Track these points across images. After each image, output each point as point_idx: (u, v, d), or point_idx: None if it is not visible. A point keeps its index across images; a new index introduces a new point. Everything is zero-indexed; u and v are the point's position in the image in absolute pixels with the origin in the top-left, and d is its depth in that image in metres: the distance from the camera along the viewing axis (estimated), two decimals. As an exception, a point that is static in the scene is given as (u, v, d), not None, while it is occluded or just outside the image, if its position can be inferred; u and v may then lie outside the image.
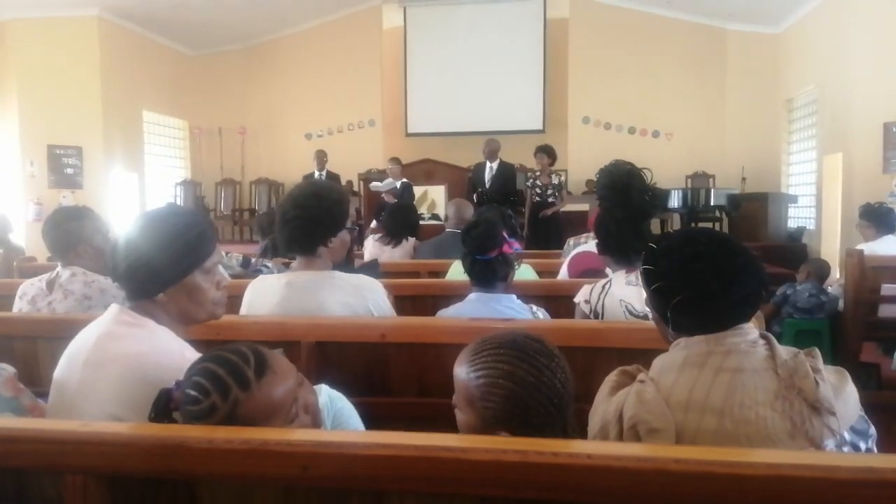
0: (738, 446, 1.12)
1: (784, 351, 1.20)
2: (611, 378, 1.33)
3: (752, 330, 1.22)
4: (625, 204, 2.26)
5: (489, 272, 2.18)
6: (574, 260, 3.12)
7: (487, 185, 7.13)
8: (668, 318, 1.25)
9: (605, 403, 1.26)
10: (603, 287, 2.22)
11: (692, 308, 1.23)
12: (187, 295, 1.47)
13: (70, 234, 2.46)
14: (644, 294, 2.06)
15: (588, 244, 3.20)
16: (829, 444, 1.13)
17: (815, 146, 8.72)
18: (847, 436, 1.16)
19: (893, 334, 4.18)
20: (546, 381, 1.20)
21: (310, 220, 2.08)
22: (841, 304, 4.29)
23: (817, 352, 1.21)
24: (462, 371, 1.25)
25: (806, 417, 1.13)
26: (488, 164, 7.25)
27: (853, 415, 1.18)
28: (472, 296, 2.21)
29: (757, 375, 1.17)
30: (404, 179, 7.38)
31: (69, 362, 1.44)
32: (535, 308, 2.22)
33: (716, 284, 1.20)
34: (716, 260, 1.21)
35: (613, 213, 2.28)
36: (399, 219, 4.63)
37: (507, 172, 7.28)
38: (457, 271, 3.00)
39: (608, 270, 2.39)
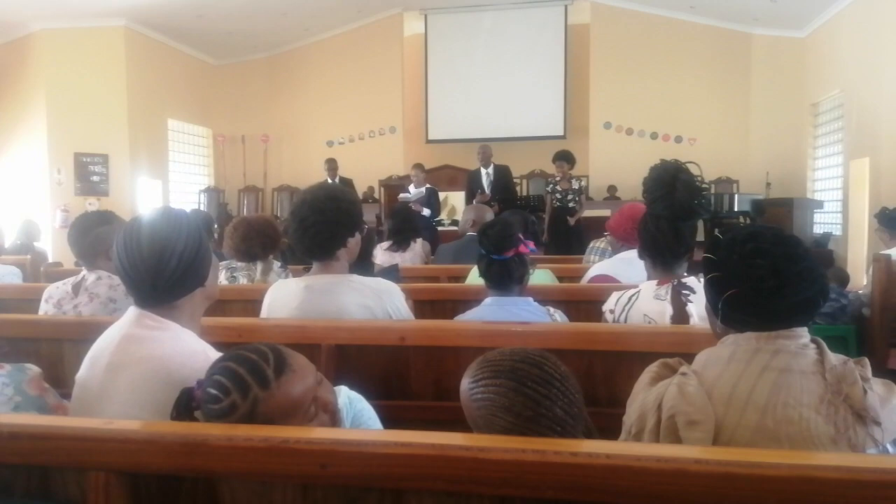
0: (778, 445, 1.11)
1: (834, 357, 1.19)
2: (651, 369, 1.32)
3: (804, 333, 1.21)
4: (667, 198, 2.16)
5: (505, 273, 2.17)
6: (592, 281, 3.00)
7: (488, 191, 7.11)
8: (720, 310, 1.25)
9: (645, 393, 1.26)
10: (630, 298, 2.16)
11: (744, 304, 1.22)
12: (202, 289, 1.51)
13: (99, 239, 2.46)
14: (668, 311, 2.05)
15: (604, 262, 3.13)
16: (871, 453, 1.12)
17: (842, 151, 8.60)
18: (890, 448, 1.14)
19: (922, 341, 4.10)
20: (545, 413, 1.17)
21: (332, 223, 2.09)
22: (867, 310, 4.22)
23: (867, 361, 1.20)
24: (464, 393, 1.25)
25: (850, 424, 1.12)
26: (483, 170, 7.22)
27: None
28: (488, 300, 2.20)
29: (804, 377, 1.16)
30: (428, 185, 7.34)
31: (91, 364, 1.46)
32: (552, 310, 2.21)
33: (771, 284, 1.19)
34: (776, 260, 1.19)
35: (654, 208, 2.20)
36: (399, 223, 4.56)
37: (503, 175, 7.24)
38: (477, 276, 2.98)
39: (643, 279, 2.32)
